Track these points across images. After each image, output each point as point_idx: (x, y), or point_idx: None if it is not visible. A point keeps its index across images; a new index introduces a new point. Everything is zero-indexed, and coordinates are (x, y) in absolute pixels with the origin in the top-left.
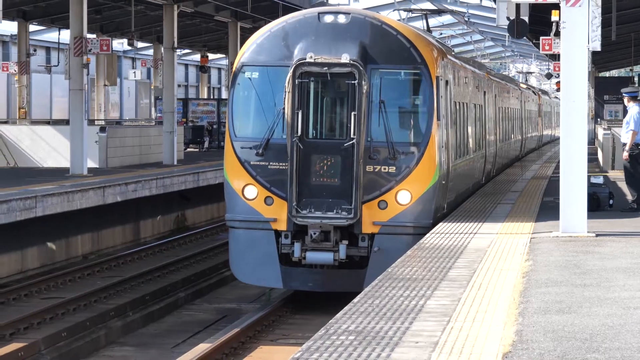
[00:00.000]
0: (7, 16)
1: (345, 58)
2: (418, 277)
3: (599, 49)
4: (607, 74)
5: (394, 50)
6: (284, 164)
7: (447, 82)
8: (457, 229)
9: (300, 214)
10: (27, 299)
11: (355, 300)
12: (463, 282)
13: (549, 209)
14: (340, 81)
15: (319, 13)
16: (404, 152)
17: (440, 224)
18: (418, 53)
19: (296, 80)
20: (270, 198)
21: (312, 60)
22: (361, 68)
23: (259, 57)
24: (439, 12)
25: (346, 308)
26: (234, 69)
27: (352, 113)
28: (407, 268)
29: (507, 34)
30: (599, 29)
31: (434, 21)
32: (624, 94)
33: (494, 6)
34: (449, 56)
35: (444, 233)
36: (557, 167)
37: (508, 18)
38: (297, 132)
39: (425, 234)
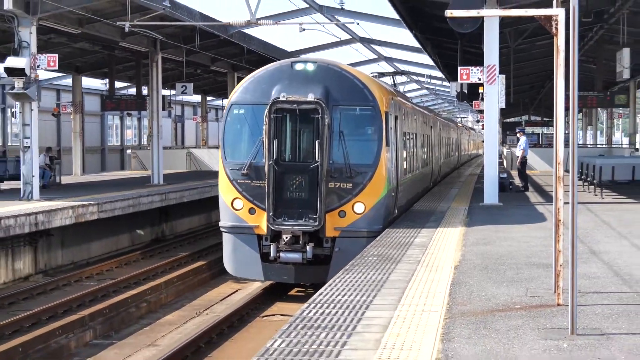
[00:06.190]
0: (196, 92)
1: (311, 97)
2: (409, 227)
3: (504, 106)
4: (508, 120)
5: (351, 91)
6: (263, 182)
7: (396, 117)
8: (430, 201)
9: (276, 222)
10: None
11: (378, 238)
12: (433, 228)
13: (478, 191)
14: (307, 115)
15: (292, 62)
16: (359, 172)
17: (422, 198)
18: (370, 93)
19: (272, 115)
20: (253, 209)
21: (284, 99)
22: (324, 105)
23: (245, 97)
24: (402, 73)
25: (374, 242)
26: (226, 107)
27: (317, 141)
28: (403, 222)
29: (456, 99)
30: (504, 95)
31: (416, 93)
32: (518, 130)
33: (449, 84)
34: (398, 97)
35: (424, 204)
36: (482, 170)
37: (456, 91)
38: (273, 156)
39: (376, 237)
